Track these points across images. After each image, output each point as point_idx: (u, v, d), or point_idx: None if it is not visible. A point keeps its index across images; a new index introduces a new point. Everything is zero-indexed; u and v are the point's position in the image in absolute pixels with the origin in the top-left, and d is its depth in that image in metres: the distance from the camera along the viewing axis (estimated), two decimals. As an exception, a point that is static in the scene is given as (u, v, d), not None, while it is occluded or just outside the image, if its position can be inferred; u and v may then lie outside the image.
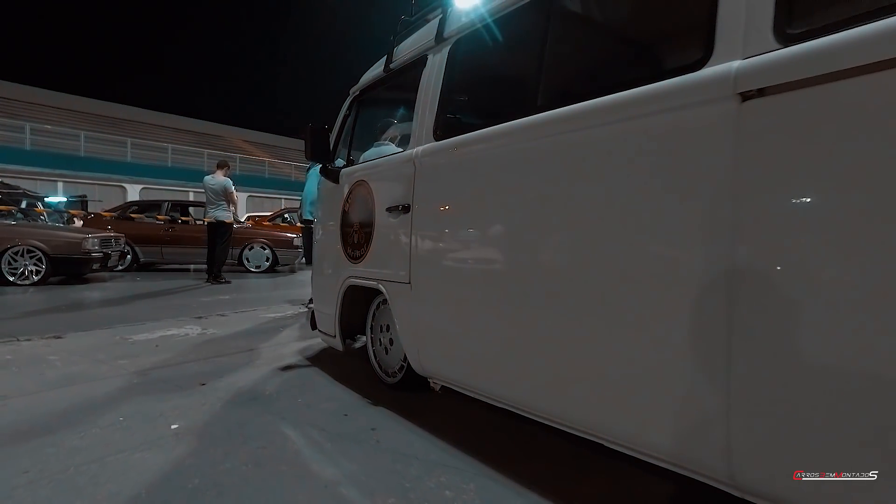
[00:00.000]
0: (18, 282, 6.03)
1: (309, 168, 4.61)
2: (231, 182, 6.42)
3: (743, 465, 0.99)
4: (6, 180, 10.36)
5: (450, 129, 1.86)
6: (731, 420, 0.99)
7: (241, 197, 18.80)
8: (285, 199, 21.94)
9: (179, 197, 18.33)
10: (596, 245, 1.28)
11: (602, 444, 1.28)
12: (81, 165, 18.52)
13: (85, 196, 15.59)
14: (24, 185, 11.18)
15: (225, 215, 6.44)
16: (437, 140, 1.88)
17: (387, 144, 2.95)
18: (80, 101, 24.57)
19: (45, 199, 9.83)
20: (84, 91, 25.30)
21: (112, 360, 2.74)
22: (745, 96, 1.00)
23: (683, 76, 1.11)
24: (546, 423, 1.43)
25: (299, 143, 4.40)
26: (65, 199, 14.53)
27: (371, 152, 2.99)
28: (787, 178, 0.93)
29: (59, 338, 3.25)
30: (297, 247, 8.52)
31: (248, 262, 8.51)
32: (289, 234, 8.84)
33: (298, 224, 4.81)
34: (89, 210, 12.84)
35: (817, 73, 0.89)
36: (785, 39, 0.96)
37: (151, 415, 1.95)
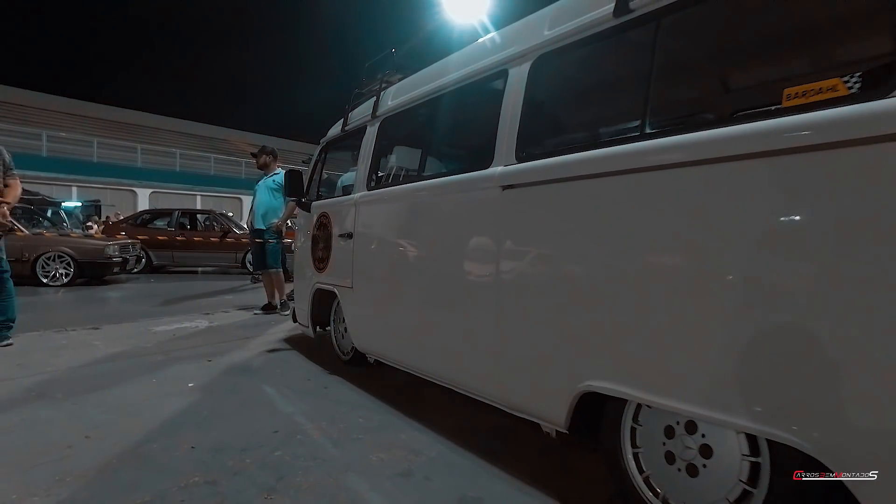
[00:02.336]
0: (50, 283, 6.95)
1: (259, 181, 5.36)
2: None
3: (508, 391, 1.82)
4: (25, 186, 11.22)
5: (376, 183, 2.72)
6: (499, 364, 1.83)
7: (244, 200, 19.68)
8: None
9: (187, 200, 19.32)
10: (438, 264, 2.14)
11: (462, 393, 2.11)
12: (94, 171, 19.37)
13: (99, 200, 16.59)
14: (41, 190, 11.91)
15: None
16: (368, 190, 2.73)
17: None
18: (93, 107, 25.56)
19: (63, 205, 10.74)
20: (96, 97, 26.34)
21: (141, 343, 3.62)
22: (504, 188, 1.83)
23: (480, 172, 1.95)
24: (431, 380, 2.26)
25: (303, 147, 5.23)
26: (80, 204, 15.54)
27: (347, 177, 3.85)
28: (523, 232, 1.76)
29: (96, 328, 4.14)
30: (292, 251, 9.38)
31: (251, 264, 9.38)
32: (286, 240, 9.68)
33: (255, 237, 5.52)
34: (102, 214, 13.80)
35: (530, 180, 1.73)
36: (520, 159, 1.80)
37: (173, 378, 2.82)
